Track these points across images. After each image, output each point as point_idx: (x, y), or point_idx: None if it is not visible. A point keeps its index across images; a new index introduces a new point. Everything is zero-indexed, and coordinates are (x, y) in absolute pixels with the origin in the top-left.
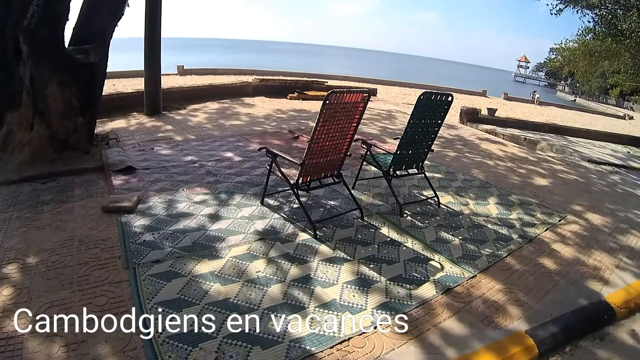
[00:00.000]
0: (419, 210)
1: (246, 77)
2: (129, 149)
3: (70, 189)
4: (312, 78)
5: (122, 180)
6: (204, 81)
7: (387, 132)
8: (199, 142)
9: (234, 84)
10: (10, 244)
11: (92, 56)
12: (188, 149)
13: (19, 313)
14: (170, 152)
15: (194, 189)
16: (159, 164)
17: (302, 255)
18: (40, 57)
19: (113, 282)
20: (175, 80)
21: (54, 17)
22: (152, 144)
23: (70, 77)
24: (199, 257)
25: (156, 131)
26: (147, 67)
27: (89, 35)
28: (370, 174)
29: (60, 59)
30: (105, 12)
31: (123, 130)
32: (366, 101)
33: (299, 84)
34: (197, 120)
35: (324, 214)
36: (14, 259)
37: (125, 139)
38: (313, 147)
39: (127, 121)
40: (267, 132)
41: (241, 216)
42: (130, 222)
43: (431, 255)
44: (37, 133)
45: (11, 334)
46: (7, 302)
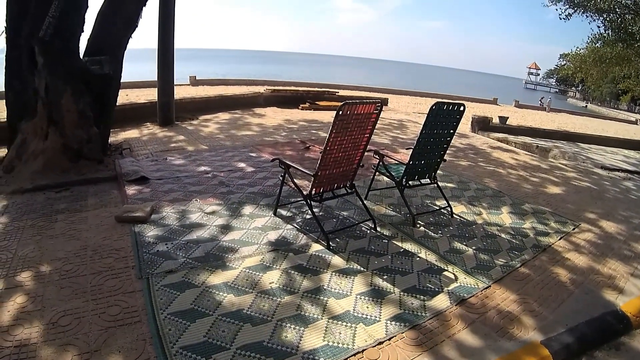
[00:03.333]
0: (432, 221)
1: (258, 88)
2: (142, 159)
3: (84, 198)
4: (323, 88)
5: (135, 190)
6: (216, 92)
7: (398, 141)
8: (212, 153)
9: (245, 95)
10: (24, 252)
11: (107, 67)
12: (200, 159)
13: (33, 321)
14: (183, 162)
15: (206, 200)
16: (172, 174)
17: (315, 267)
18: (55, 68)
19: (126, 292)
20: (187, 91)
21: (69, 28)
22: (165, 154)
23: (84, 87)
24: (212, 267)
25: (169, 141)
26: (160, 77)
27: (103, 46)
28: (383, 184)
29: (75, 70)
30: (120, 24)
31: (136, 140)
32: (379, 112)
33: (311, 94)
34: (209, 130)
35: (337, 225)
36: (28, 267)
37: (139, 149)
38: (326, 158)
39: (140, 131)
40: (278, 142)
41: (254, 227)
42: (144, 232)
43: (445, 266)
44: (52, 142)
45: (24, 342)
46: (20, 310)
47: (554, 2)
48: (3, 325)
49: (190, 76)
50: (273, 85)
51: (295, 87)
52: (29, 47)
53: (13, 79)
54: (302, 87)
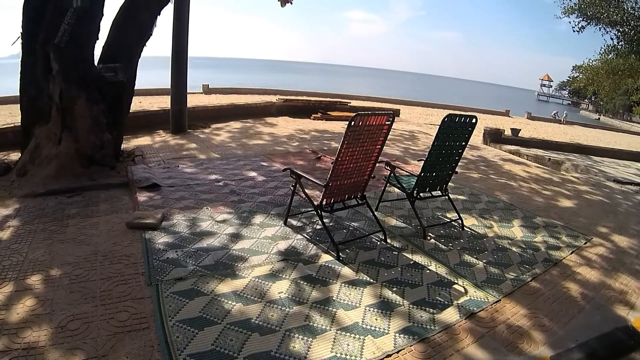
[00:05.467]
0: (443, 233)
1: (270, 97)
2: (154, 166)
3: (96, 204)
4: (335, 98)
5: (146, 197)
6: (228, 100)
7: (409, 153)
8: (223, 161)
9: (257, 104)
10: (35, 255)
11: (121, 75)
12: (212, 167)
13: (42, 324)
14: (194, 170)
15: (217, 208)
16: (184, 182)
17: (325, 277)
18: (70, 75)
19: (135, 298)
20: (200, 99)
21: (84, 36)
22: (176, 161)
23: (98, 94)
24: (221, 276)
25: (180, 149)
26: (173, 86)
27: (117, 54)
28: (394, 195)
29: (89, 77)
30: (134, 32)
31: (148, 147)
32: (391, 123)
33: (323, 105)
34: (220, 139)
35: (347, 236)
36: (39, 270)
37: (151, 156)
38: (337, 169)
39: (152, 138)
40: (290, 152)
41: (264, 236)
42: (154, 239)
43: (455, 279)
44: (65, 148)
45: (32, 345)
46: (30, 312)
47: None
48: (12, 327)
49: (203, 84)
50: (285, 94)
51: (307, 97)
52: (44, 54)
53: (28, 85)
54: (314, 97)
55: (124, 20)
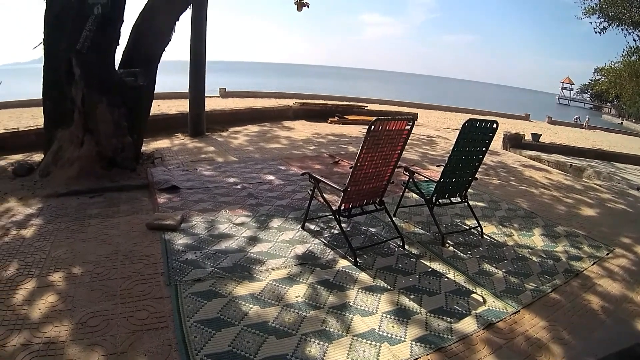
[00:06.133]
0: (462, 240)
1: (287, 101)
2: (173, 168)
3: (117, 205)
4: (352, 102)
5: (166, 198)
6: (245, 104)
7: (428, 158)
8: (241, 164)
9: (274, 108)
10: (57, 253)
11: (141, 79)
12: (230, 170)
13: (62, 320)
14: (212, 173)
15: (235, 211)
16: (202, 185)
17: (342, 283)
18: (92, 79)
19: (155, 297)
20: (217, 102)
21: (105, 42)
22: (195, 164)
23: (119, 98)
24: (239, 278)
25: (199, 152)
26: (192, 90)
27: (137, 59)
28: (412, 201)
29: (110, 82)
30: (154, 38)
31: (167, 150)
32: (410, 128)
33: (340, 108)
34: (238, 142)
35: (365, 241)
36: (60, 268)
37: (170, 158)
38: (356, 174)
39: (171, 141)
40: (307, 156)
41: (282, 240)
42: (173, 240)
43: (473, 288)
44: (87, 150)
45: (53, 339)
46: (51, 308)
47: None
48: (34, 322)
49: (220, 88)
50: (302, 98)
51: (323, 100)
52: (67, 59)
53: (51, 89)
54: (331, 100)
55: (143, 26)
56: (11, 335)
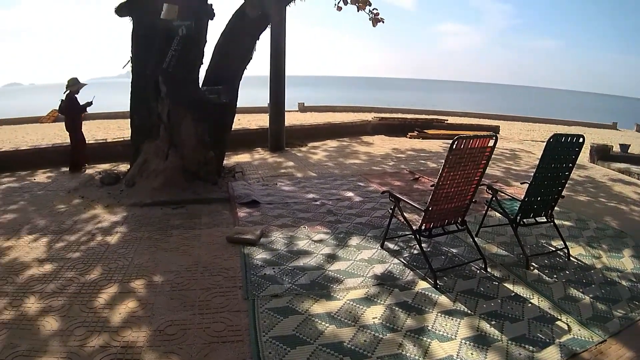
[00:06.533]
0: (547, 263)
1: (365, 115)
2: (253, 182)
3: (198, 217)
4: (431, 115)
5: (246, 212)
6: (324, 118)
7: (511, 173)
8: (320, 180)
9: (353, 123)
10: (139, 261)
11: (223, 96)
12: (309, 186)
13: (141, 326)
14: (292, 188)
15: (314, 227)
16: (282, 200)
17: (421, 305)
18: (177, 96)
19: (232, 310)
20: (296, 117)
21: (189, 61)
22: (275, 179)
23: (203, 114)
24: (316, 296)
25: (278, 167)
26: (272, 105)
27: (220, 77)
28: (495, 220)
29: (195, 99)
30: (235, 56)
31: (248, 164)
32: (493, 146)
33: (419, 122)
34: (317, 157)
35: (446, 263)
36: (142, 275)
37: (250, 173)
38: (438, 193)
39: (252, 156)
40: (386, 172)
41: (360, 259)
42: (253, 255)
43: (558, 315)
44: (171, 163)
45: (131, 344)
46: (131, 313)
47: None
48: (113, 326)
49: (299, 103)
50: (380, 112)
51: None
52: (154, 77)
53: (138, 105)
54: (410, 114)
55: (225, 45)
56: (91, 336)
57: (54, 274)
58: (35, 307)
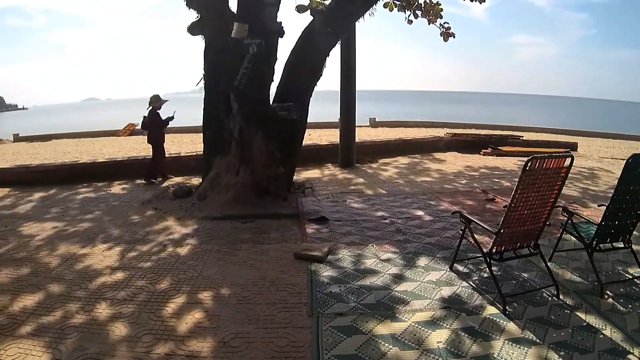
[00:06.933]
0: (622, 292)
1: (437, 130)
2: (323, 199)
3: (267, 232)
4: (505, 131)
5: (314, 229)
6: (395, 133)
7: (588, 194)
8: (390, 198)
9: (425, 139)
10: (208, 273)
11: (294, 113)
12: (379, 203)
13: (206, 337)
14: (361, 205)
15: (382, 246)
16: (351, 217)
17: (488, 331)
18: (248, 113)
19: (296, 326)
20: (367, 132)
21: (260, 78)
22: (344, 195)
23: (273, 131)
24: (381, 317)
25: (348, 183)
26: (342, 121)
27: (290, 94)
28: (570, 244)
29: (266, 115)
30: (305, 74)
31: (317, 180)
32: (569, 166)
33: (493, 139)
34: (387, 174)
35: (516, 288)
36: (210, 287)
37: (319, 189)
38: (510, 215)
39: (322, 171)
40: (458, 190)
41: (428, 280)
42: (319, 272)
43: (630, 348)
44: (242, 178)
45: (195, 354)
46: (197, 324)
47: None
48: (179, 335)
49: (370, 118)
50: (453, 127)
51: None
52: (226, 94)
53: (210, 121)
54: (483, 129)
55: (295, 62)
56: (157, 343)
57: (126, 281)
58: (105, 313)
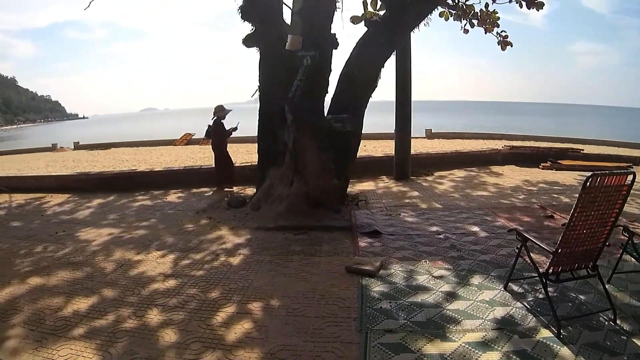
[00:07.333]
0: None
1: (494, 142)
2: (376, 212)
3: (319, 244)
4: (565, 143)
5: (367, 242)
6: (451, 146)
7: None
8: (445, 212)
9: (482, 151)
10: (259, 284)
11: (348, 125)
12: (434, 218)
13: (254, 347)
14: (415, 219)
15: (436, 262)
16: (404, 231)
17: (540, 356)
18: (302, 125)
19: (344, 341)
20: (423, 144)
21: (314, 90)
22: (398, 209)
23: (328, 143)
24: (431, 335)
25: (403, 197)
26: (398, 133)
27: (345, 105)
28: (630, 265)
29: (320, 127)
30: (360, 85)
31: (371, 192)
32: (631, 184)
33: (552, 152)
34: (443, 188)
35: (572, 310)
36: (260, 298)
37: (373, 201)
38: (568, 234)
39: (376, 184)
40: (516, 206)
41: (481, 299)
42: (370, 287)
43: None
44: (296, 189)
45: None
46: (245, 334)
47: None
48: (228, 344)
49: (426, 129)
50: (510, 139)
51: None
52: (280, 106)
53: (265, 132)
54: (542, 142)
55: (350, 74)
56: (206, 351)
57: (177, 289)
58: (156, 319)
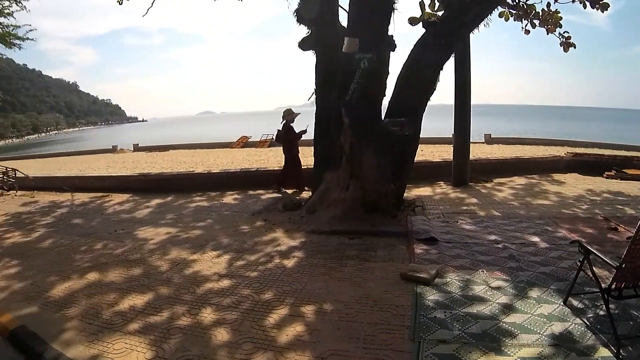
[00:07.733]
0: None
1: (556, 149)
2: (433, 218)
3: (374, 249)
4: (631, 151)
5: (423, 249)
6: (512, 151)
7: None
8: (504, 221)
9: (543, 158)
10: (312, 287)
11: (406, 129)
12: (492, 226)
13: (305, 350)
14: (473, 227)
15: (493, 273)
16: (461, 239)
17: None
18: (359, 129)
19: (396, 349)
20: (482, 149)
21: (372, 93)
22: (455, 216)
23: (385, 147)
24: (485, 348)
25: (460, 203)
26: (456, 137)
27: (403, 108)
28: None
29: (377, 131)
30: (418, 88)
31: (428, 198)
32: None
33: (617, 160)
34: (502, 195)
35: (633, 330)
36: (313, 301)
37: (430, 207)
38: (633, 248)
39: (433, 189)
40: (578, 216)
41: (539, 313)
42: (425, 295)
43: None
44: (351, 194)
45: None
46: (297, 336)
47: None
48: (279, 346)
49: (485, 134)
50: (574, 146)
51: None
52: (337, 109)
53: (322, 135)
54: (607, 149)
55: (408, 76)
56: (257, 352)
57: (231, 289)
58: (210, 318)
